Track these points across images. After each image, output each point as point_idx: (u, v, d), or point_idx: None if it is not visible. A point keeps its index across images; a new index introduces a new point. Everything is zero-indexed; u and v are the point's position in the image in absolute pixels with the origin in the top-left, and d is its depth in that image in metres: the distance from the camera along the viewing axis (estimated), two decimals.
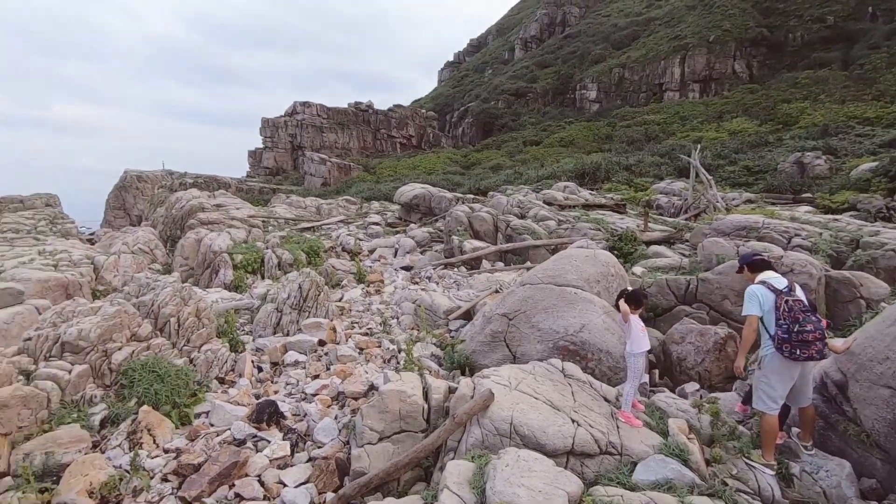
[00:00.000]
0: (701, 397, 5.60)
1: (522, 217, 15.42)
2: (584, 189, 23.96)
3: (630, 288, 5.19)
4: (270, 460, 5.00)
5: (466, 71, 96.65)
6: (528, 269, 11.01)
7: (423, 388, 5.17)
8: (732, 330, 6.63)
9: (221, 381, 6.78)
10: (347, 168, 54.12)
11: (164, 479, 4.73)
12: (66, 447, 4.78)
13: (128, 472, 4.68)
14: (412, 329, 8.96)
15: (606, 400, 4.99)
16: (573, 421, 4.38)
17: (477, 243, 14.00)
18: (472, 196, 24.62)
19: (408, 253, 15.91)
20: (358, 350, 7.73)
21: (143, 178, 45.25)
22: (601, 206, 18.26)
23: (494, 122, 68.84)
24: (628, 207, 19.54)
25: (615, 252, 10.39)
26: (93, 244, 25.86)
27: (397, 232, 19.52)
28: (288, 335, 8.37)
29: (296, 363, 7.30)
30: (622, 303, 4.62)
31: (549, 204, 17.40)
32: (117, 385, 5.80)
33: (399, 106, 73.29)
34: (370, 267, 14.23)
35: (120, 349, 6.02)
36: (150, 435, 5.20)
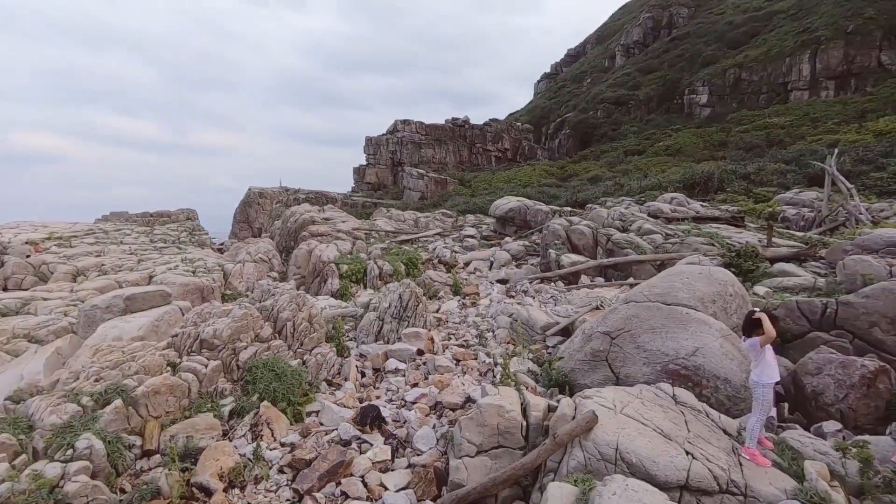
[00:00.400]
0: (844, 439, 4.86)
1: (624, 230, 14.66)
2: (695, 200, 22.18)
3: (757, 309, 4.68)
4: (373, 463, 5.23)
5: (564, 81, 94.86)
6: (632, 285, 10.42)
7: (522, 405, 5.09)
8: (884, 363, 5.68)
9: (329, 383, 7.25)
10: (444, 182, 55.55)
11: (281, 471, 5.15)
12: (202, 433, 5.41)
13: (251, 460, 5.16)
14: (508, 343, 8.89)
15: (726, 433, 4.53)
16: (687, 453, 4.03)
17: (575, 257, 13.56)
18: (569, 209, 23.98)
19: (503, 266, 15.86)
20: (455, 361, 7.83)
21: (264, 194, 50.29)
22: (715, 219, 16.76)
23: (593, 133, 66.61)
24: (747, 220, 17.72)
25: (732, 269, 9.46)
26: (222, 253, 29.21)
27: (492, 245, 19.57)
28: (389, 343, 8.74)
29: (396, 370, 7.59)
30: (766, 323, 4.10)
31: (655, 217, 16.36)
32: (243, 381, 6.45)
33: (495, 120, 73.88)
34: (466, 279, 14.40)
35: (246, 348, 6.70)
36: (269, 429, 5.70)
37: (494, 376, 7.26)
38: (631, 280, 11.69)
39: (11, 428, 4.72)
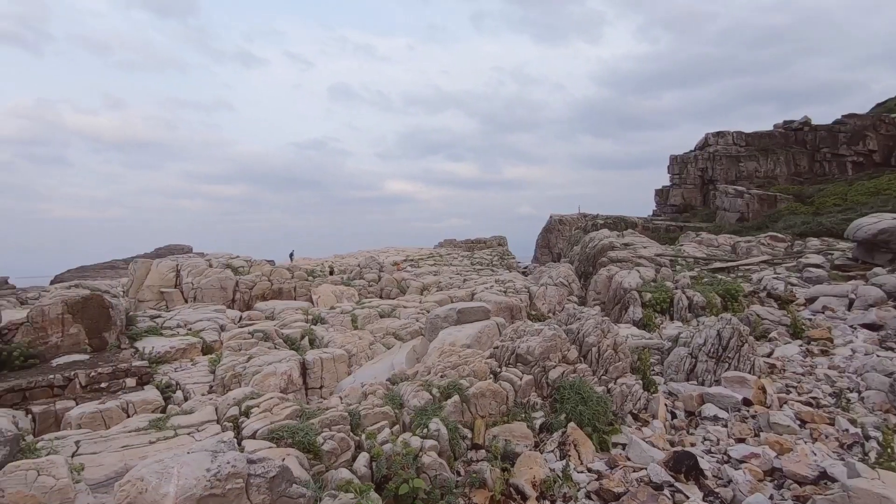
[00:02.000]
0: None
1: None
2: None
3: None
4: None
5: None
6: None
7: None
8: None
9: (635, 417, 6.92)
10: (772, 199, 46.15)
11: (588, 496, 5.18)
12: (517, 439, 5.96)
13: (559, 477, 5.38)
14: (885, 411, 6.61)
15: None
16: None
17: None
18: None
19: (871, 306, 11.96)
20: (799, 422, 6.30)
21: (563, 220, 52.85)
22: None
23: None
24: None
25: None
26: (526, 276, 32.01)
27: (851, 277, 15.07)
28: (704, 384, 7.75)
29: (715, 419, 6.63)
30: None
31: None
32: (551, 398, 6.83)
33: (851, 116, 57.16)
34: (810, 319, 11.49)
35: (554, 367, 7.09)
36: (576, 450, 5.83)
37: (865, 453, 5.50)
38: None
39: (391, 403, 6.31)
